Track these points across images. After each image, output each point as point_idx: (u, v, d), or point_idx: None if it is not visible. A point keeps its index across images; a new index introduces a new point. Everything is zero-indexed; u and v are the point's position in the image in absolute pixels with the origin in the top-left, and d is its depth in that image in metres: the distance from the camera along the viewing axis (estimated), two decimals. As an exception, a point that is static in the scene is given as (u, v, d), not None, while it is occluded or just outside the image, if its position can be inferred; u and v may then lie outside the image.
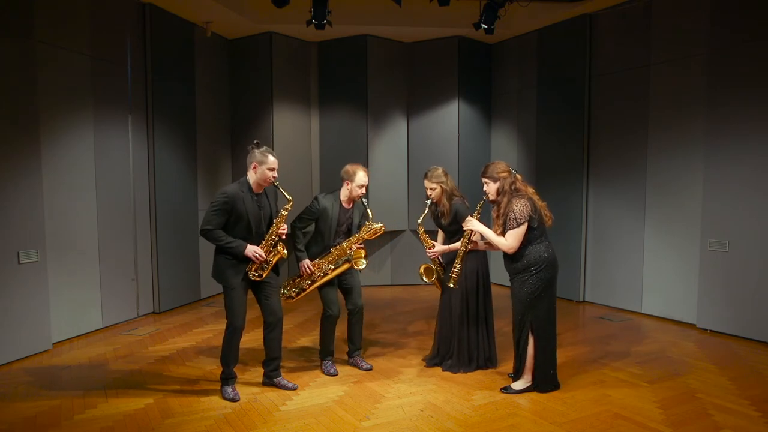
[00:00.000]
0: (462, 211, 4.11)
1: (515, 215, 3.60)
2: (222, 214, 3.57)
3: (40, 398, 3.75)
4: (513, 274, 3.76)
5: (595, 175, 6.45)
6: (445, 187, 4.16)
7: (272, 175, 3.62)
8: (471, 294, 4.20)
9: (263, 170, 3.59)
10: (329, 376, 4.15)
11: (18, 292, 4.52)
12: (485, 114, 7.71)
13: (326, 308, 4.15)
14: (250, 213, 3.61)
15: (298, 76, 7.38)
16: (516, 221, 3.60)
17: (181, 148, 6.39)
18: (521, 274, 3.70)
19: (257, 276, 3.62)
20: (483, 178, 3.82)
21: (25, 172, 4.57)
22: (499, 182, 3.73)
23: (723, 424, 3.31)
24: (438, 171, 4.19)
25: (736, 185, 5.04)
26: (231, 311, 3.65)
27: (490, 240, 3.76)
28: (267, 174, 3.60)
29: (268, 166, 3.60)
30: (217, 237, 3.57)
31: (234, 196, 3.58)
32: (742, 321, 5.04)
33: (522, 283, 3.70)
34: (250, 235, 3.63)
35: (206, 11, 6.25)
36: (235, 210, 3.57)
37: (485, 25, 5.83)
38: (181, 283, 6.41)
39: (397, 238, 7.80)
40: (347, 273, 4.18)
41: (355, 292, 4.22)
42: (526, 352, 3.75)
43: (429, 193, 4.21)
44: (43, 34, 4.76)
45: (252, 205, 3.63)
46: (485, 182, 3.81)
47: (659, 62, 5.73)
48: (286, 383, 3.88)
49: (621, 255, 6.19)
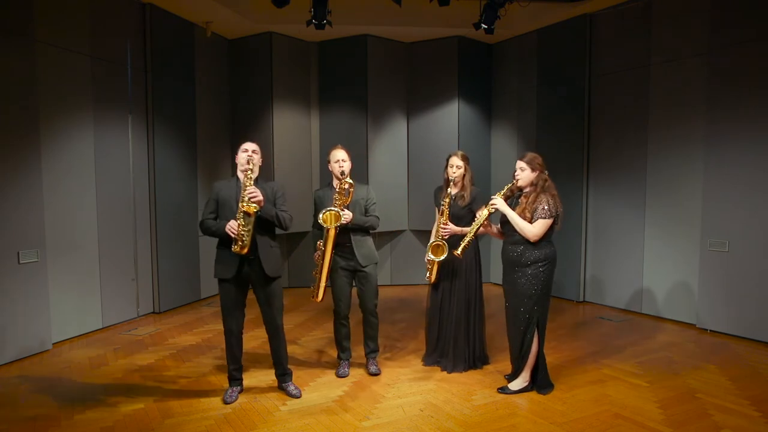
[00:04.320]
0: (481, 198, 4.19)
1: (548, 207, 3.64)
2: (211, 204, 3.68)
3: (40, 398, 3.75)
4: (519, 266, 3.70)
5: (595, 174, 6.45)
6: (469, 169, 4.20)
7: (245, 156, 3.60)
8: (470, 292, 4.22)
9: (239, 156, 3.65)
10: (338, 377, 4.13)
11: (18, 292, 4.52)
12: (485, 114, 7.71)
13: (334, 305, 4.13)
14: (232, 197, 3.61)
15: (298, 76, 7.38)
16: (548, 213, 3.64)
17: (181, 148, 6.39)
18: (529, 266, 3.67)
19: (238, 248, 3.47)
20: (521, 162, 3.76)
21: (25, 172, 4.58)
22: (536, 174, 3.74)
23: (723, 424, 3.31)
24: (463, 153, 4.24)
25: (736, 185, 5.04)
26: (221, 309, 3.67)
27: (515, 222, 3.68)
28: (240, 156, 3.64)
29: (241, 150, 3.66)
30: (207, 225, 3.65)
31: (219, 185, 3.73)
32: (742, 321, 5.04)
33: (530, 278, 3.67)
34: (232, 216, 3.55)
35: (206, 11, 6.25)
36: (220, 198, 3.65)
37: (485, 25, 5.82)
38: (181, 283, 6.41)
39: (397, 238, 7.80)
40: (361, 277, 4.10)
41: (366, 295, 4.15)
42: (530, 350, 3.73)
43: (454, 170, 4.16)
44: (43, 34, 4.77)
45: (234, 189, 3.63)
46: (521, 167, 3.75)
47: (659, 62, 5.73)
48: (292, 390, 3.81)
49: (621, 255, 6.19)
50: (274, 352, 3.81)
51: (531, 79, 7.12)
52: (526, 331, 3.72)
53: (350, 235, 4.04)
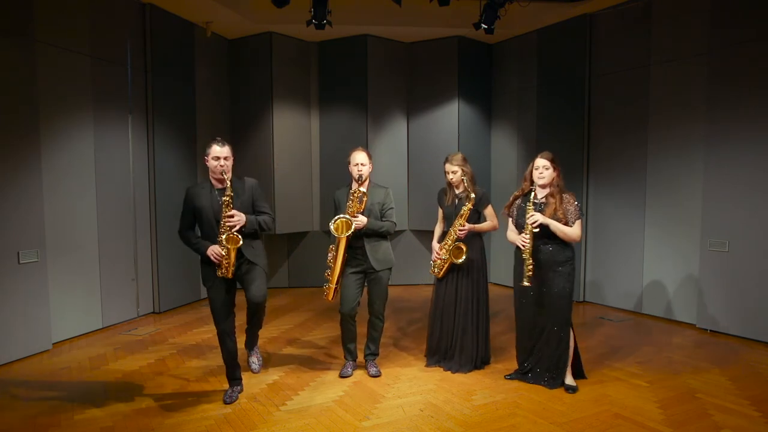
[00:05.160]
0: (486, 198, 4.22)
1: (578, 207, 3.72)
2: (186, 214, 3.62)
3: (40, 398, 3.75)
4: (556, 265, 3.74)
5: (595, 175, 6.45)
6: (467, 170, 4.18)
7: (217, 165, 3.52)
8: (479, 291, 4.24)
9: (210, 161, 3.56)
10: (340, 377, 4.12)
11: (18, 292, 4.52)
12: (485, 114, 7.71)
13: (341, 305, 4.12)
14: (207, 208, 3.55)
15: (298, 76, 7.38)
16: (581, 211, 3.73)
17: (181, 148, 6.39)
18: (564, 265, 3.74)
19: (223, 274, 3.51)
20: (544, 161, 3.74)
21: (25, 172, 4.58)
22: (557, 172, 3.76)
23: (723, 424, 3.31)
24: (459, 155, 4.22)
25: (737, 185, 5.04)
26: (212, 312, 3.66)
27: (559, 230, 3.67)
28: (213, 164, 3.54)
29: (212, 155, 3.55)
30: (186, 238, 3.62)
31: (191, 193, 3.61)
32: (742, 321, 5.04)
33: (566, 276, 3.74)
34: (213, 232, 3.56)
35: (206, 11, 6.25)
36: (195, 206, 3.58)
37: (485, 25, 5.82)
38: (181, 283, 6.41)
39: (397, 238, 7.80)
40: (372, 279, 4.06)
41: (375, 297, 4.12)
42: (568, 347, 3.82)
43: (450, 176, 4.20)
44: (43, 33, 4.77)
45: (209, 199, 3.57)
46: (545, 166, 3.73)
47: (659, 62, 5.73)
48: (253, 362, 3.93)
49: (621, 255, 6.19)
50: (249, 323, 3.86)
51: (531, 79, 7.12)
52: (561, 329, 3.77)
53: (363, 240, 3.99)
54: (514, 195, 3.96)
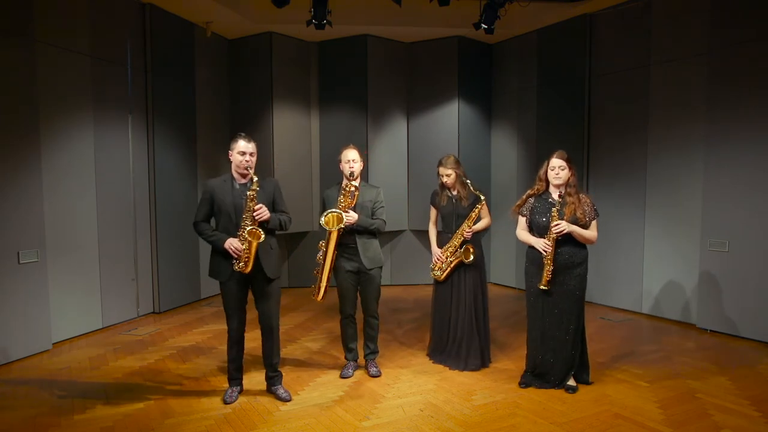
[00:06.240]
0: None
1: (594, 207, 3.73)
2: (204, 204, 3.60)
3: (40, 398, 3.75)
4: (572, 267, 3.71)
5: (595, 175, 6.45)
6: (460, 173, 4.26)
7: (243, 160, 3.52)
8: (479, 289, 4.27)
9: (234, 156, 3.56)
10: (341, 378, 4.12)
11: (18, 292, 4.52)
12: (485, 114, 7.71)
13: (340, 305, 4.12)
14: (229, 203, 3.55)
15: (298, 76, 7.38)
16: (596, 211, 3.73)
17: (181, 148, 6.39)
18: (579, 267, 3.73)
19: (241, 268, 3.48)
20: (560, 161, 3.70)
21: (25, 172, 4.58)
22: (572, 172, 3.74)
23: (723, 424, 3.31)
24: (452, 158, 4.29)
25: (737, 185, 5.04)
26: (224, 306, 3.64)
27: (581, 235, 3.66)
28: (238, 158, 3.54)
29: (237, 150, 3.54)
30: (201, 230, 3.60)
31: (213, 186, 3.60)
32: (742, 321, 5.04)
33: (579, 278, 3.74)
34: (232, 225, 3.54)
35: (206, 11, 6.25)
36: (215, 200, 3.57)
37: (485, 25, 5.83)
38: (181, 283, 6.41)
39: (397, 238, 7.80)
40: (364, 279, 4.06)
41: (367, 297, 4.13)
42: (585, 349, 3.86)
43: (445, 179, 4.28)
44: (43, 34, 4.77)
45: (231, 194, 3.56)
46: (561, 166, 3.70)
47: (659, 62, 5.73)
48: (281, 393, 3.72)
49: (621, 255, 6.19)
50: (265, 352, 3.75)
51: (531, 79, 7.12)
52: (576, 330, 3.77)
53: (356, 237, 4.00)
54: (527, 194, 3.89)
